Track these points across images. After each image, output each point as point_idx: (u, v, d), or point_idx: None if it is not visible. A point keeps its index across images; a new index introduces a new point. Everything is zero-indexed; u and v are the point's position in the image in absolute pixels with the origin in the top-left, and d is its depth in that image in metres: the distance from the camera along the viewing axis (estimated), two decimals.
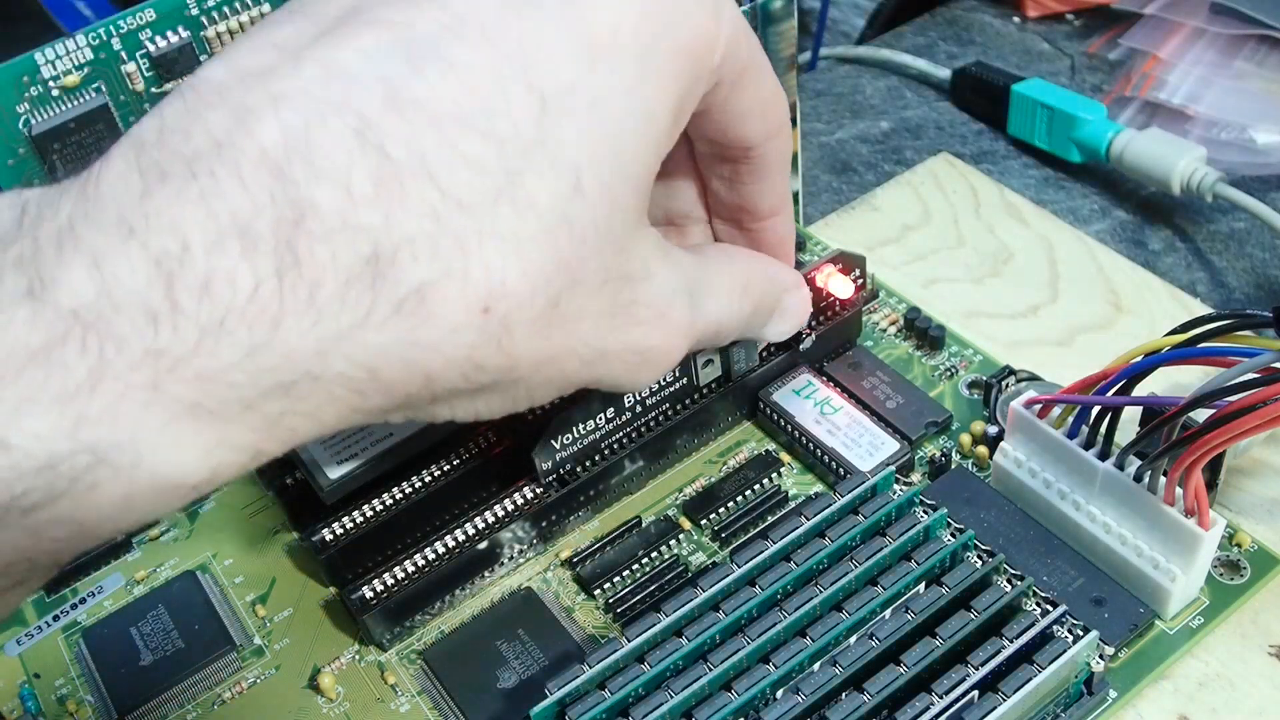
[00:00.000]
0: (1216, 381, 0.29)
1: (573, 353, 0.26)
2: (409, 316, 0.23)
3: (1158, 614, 0.33)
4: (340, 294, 0.22)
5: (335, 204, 0.22)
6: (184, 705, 0.36)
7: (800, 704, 0.29)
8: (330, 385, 0.23)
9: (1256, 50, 0.53)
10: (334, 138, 0.22)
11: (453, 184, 0.23)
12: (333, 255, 0.22)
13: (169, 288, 0.21)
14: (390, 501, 0.36)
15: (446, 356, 0.24)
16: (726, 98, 0.29)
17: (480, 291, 0.23)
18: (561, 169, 0.24)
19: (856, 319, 0.41)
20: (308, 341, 0.22)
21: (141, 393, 0.21)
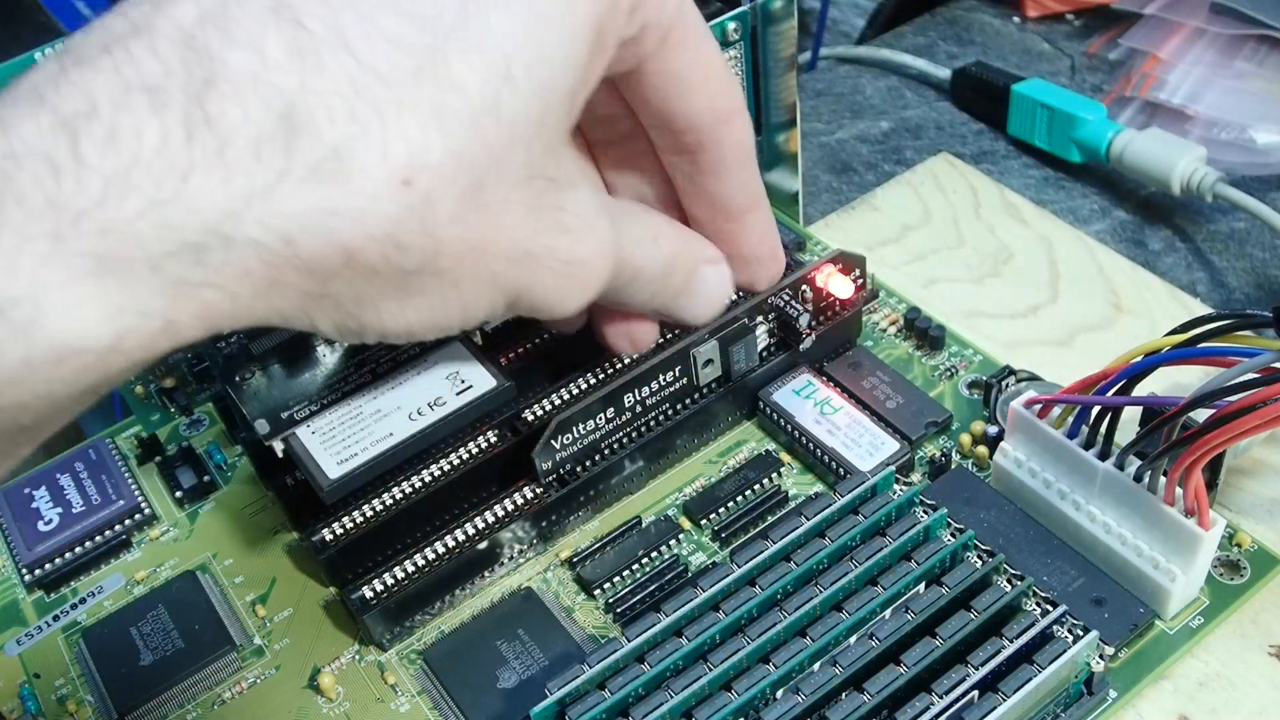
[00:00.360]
0: (1216, 381, 0.29)
1: (499, 248, 0.26)
2: (325, 181, 0.22)
3: (1158, 614, 0.33)
4: (252, 151, 0.22)
5: (247, 65, 0.22)
6: (184, 705, 0.36)
7: (800, 704, 0.29)
8: (243, 252, 0.22)
9: (1256, 50, 0.52)
10: (249, 11, 0.23)
11: (371, 56, 0.23)
12: (244, 112, 0.22)
13: (74, 142, 0.21)
14: (390, 501, 0.36)
15: (366, 230, 0.23)
16: (659, 56, 0.29)
17: (401, 161, 0.23)
18: (490, 54, 0.24)
19: (856, 319, 0.41)
20: (217, 199, 0.22)
21: (41, 244, 0.21)
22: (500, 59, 0.24)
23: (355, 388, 0.34)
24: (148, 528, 0.41)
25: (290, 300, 0.24)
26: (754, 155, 0.33)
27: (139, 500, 0.41)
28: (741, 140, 0.32)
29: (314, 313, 0.25)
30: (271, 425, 0.33)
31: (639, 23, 0.28)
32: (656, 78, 0.30)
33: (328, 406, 0.34)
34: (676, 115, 0.30)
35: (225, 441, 0.43)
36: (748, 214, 0.34)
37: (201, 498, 0.42)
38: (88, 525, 0.40)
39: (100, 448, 0.43)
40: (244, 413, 0.33)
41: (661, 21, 0.28)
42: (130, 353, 0.22)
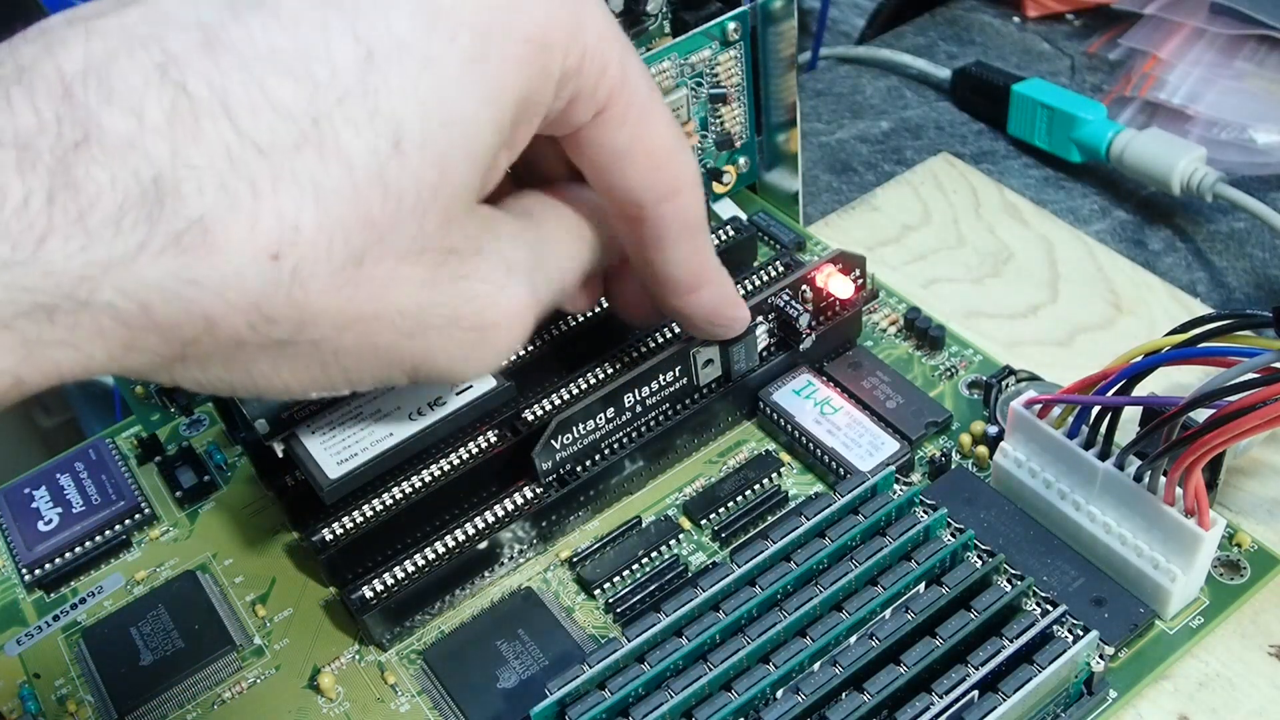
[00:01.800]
0: (1216, 381, 0.29)
1: (385, 321, 0.25)
2: (187, 251, 0.22)
3: (1158, 614, 0.33)
4: (114, 219, 0.21)
5: (122, 129, 0.22)
6: (184, 705, 0.36)
7: (800, 704, 0.29)
8: (98, 316, 0.22)
9: (1256, 50, 0.52)
10: (134, 67, 0.22)
11: (253, 126, 0.22)
12: (111, 178, 0.21)
13: None
14: (390, 501, 0.36)
15: (229, 301, 0.23)
16: (604, 128, 0.28)
17: (270, 235, 0.22)
18: (380, 124, 0.23)
19: (856, 319, 0.41)
20: (73, 264, 0.21)
21: None
22: (391, 126, 0.24)
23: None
24: (148, 528, 0.41)
25: (148, 361, 0.23)
26: (703, 231, 0.32)
27: (139, 500, 0.41)
28: (686, 218, 0.31)
29: (176, 372, 0.24)
30: (271, 425, 0.33)
31: (569, 93, 0.27)
32: (592, 149, 0.29)
33: (328, 406, 0.34)
34: (615, 187, 0.30)
35: (225, 441, 0.43)
36: (694, 292, 0.33)
37: (201, 498, 0.42)
38: (88, 525, 0.40)
39: (100, 448, 0.43)
40: (244, 413, 0.33)
41: (596, 95, 0.28)
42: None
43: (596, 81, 0.27)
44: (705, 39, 0.42)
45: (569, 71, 0.27)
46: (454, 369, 0.28)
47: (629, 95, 0.28)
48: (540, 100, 0.27)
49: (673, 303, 0.33)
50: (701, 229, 0.32)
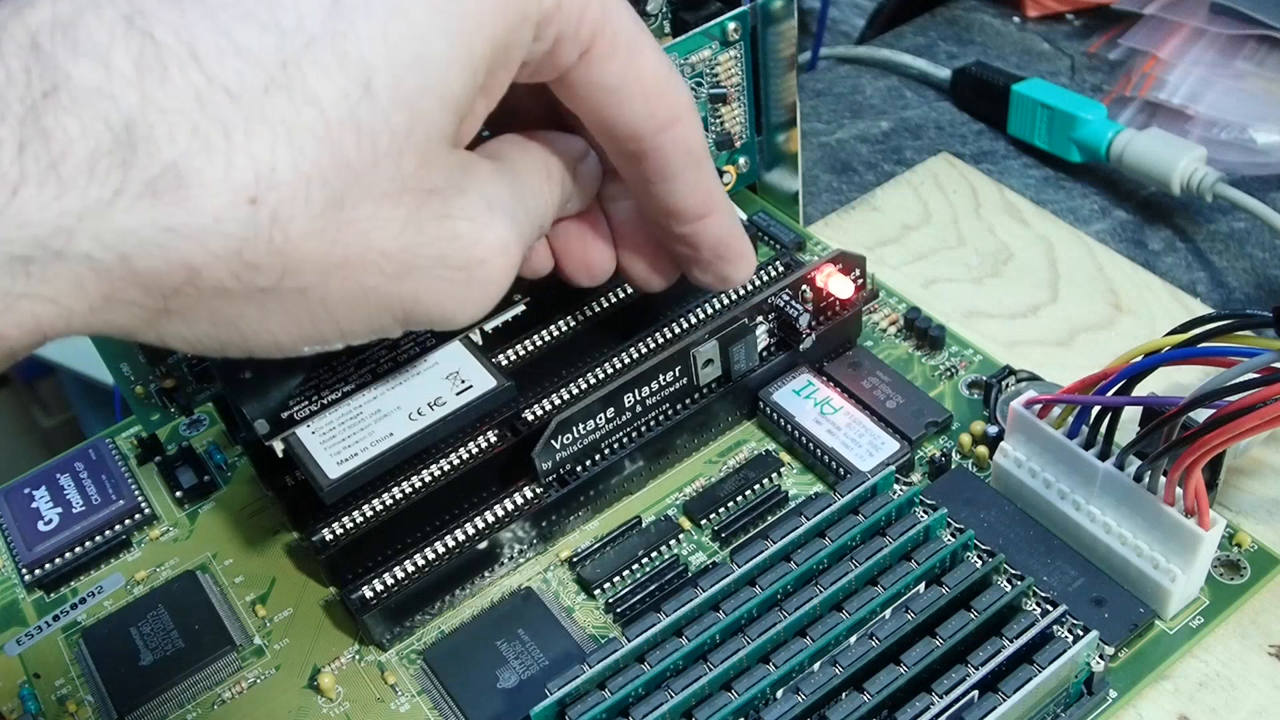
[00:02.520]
0: (1216, 381, 0.29)
1: (370, 264, 0.25)
2: (163, 198, 0.22)
3: (1158, 614, 0.33)
4: (87, 166, 0.21)
5: (90, 78, 0.22)
6: (184, 705, 0.36)
7: (800, 704, 0.29)
8: (75, 267, 0.22)
9: (1256, 50, 0.52)
10: (101, 20, 0.22)
11: (221, 71, 0.22)
12: (82, 127, 0.21)
13: None
14: (390, 501, 0.36)
15: (210, 249, 0.23)
16: (583, 69, 0.28)
17: (245, 179, 0.22)
18: (350, 67, 0.24)
19: (856, 319, 0.41)
20: (48, 214, 0.21)
21: None
22: (360, 70, 0.24)
23: (355, 388, 0.34)
24: (148, 528, 0.41)
25: (130, 315, 0.23)
26: (705, 158, 0.32)
27: (139, 500, 0.41)
28: (688, 145, 0.31)
29: (159, 328, 0.24)
30: (271, 425, 0.33)
31: (551, 36, 0.27)
32: (584, 89, 0.29)
33: (328, 406, 0.34)
34: (612, 124, 0.30)
35: (225, 441, 0.43)
36: (701, 219, 0.33)
37: (201, 498, 0.42)
38: (88, 525, 0.40)
39: (100, 448, 0.43)
40: (244, 413, 0.33)
41: (580, 34, 0.27)
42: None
43: (579, 20, 0.27)
44: (705, 39, 0.42)
45: (548, 13, 0.26)
46: (445, 310, 0.27)
47: (614, 30, 0.28)
48: (518, 44, 0.27)
49: (682, 230, 0.33)
50: (704, 155, 0.32)
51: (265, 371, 0.34)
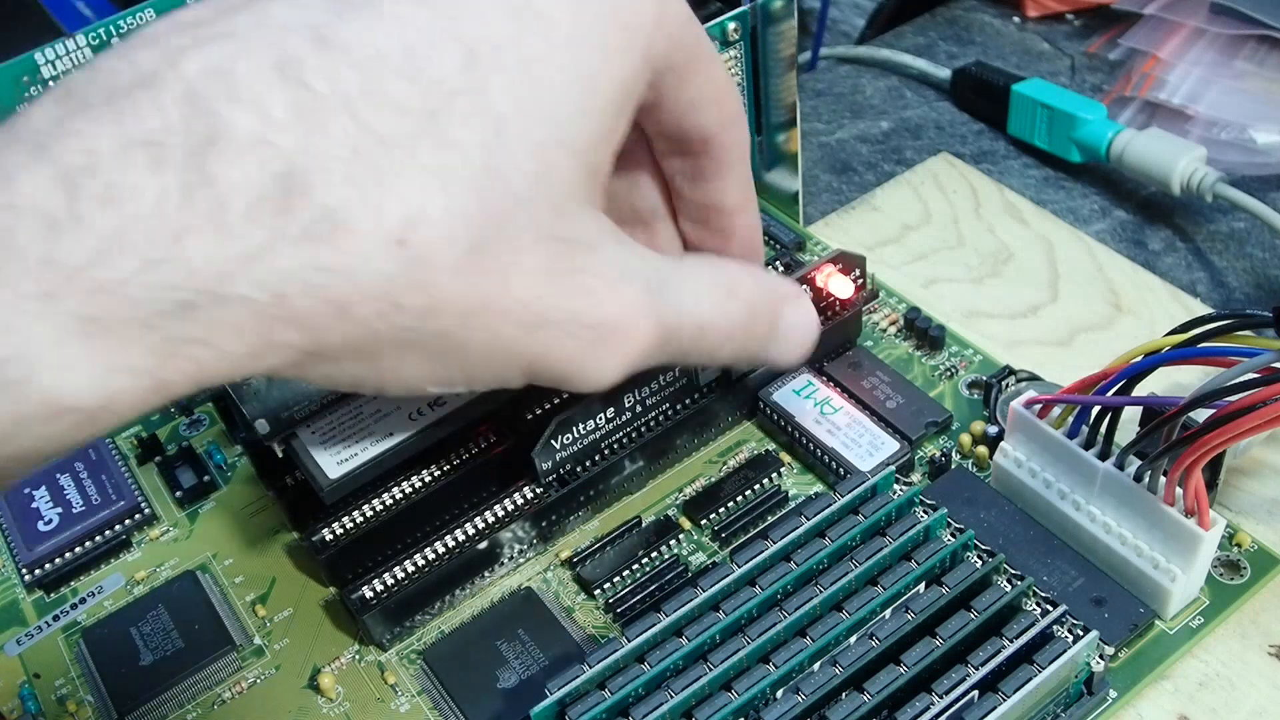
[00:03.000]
0: (1216, 381, 0.29)
1: (506, 312, 0.25)
2: (319, 241, 0.22)
3: (1158, 614, 0.33)
4: (248, 213, 0.22)
5: (250, 125, 0.22)
6: (184, 705, 0.36)
7: (800, 704, 0.29)
8: (235, 311, 0.22)
9: (1256, 50, 0.52)
10: (256, 69, 0.23)
11: (374, 120, 0.23)
12: (243, 174, 0.22)
13: (71, 198, 0.21)
14: (390, 501, 0.36)
15: (361, 288, 0.23)
16: (678, 86, 0.29)
17: (395, 220, 0.23)
18: (486, 117, 0.24)
19: (856, 319, 0.41)
20: (212, 260, 0.22)
21: (34, 303, 0.21)
22: (496, 120, 0.24)
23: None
24: (148, 528, 0.41)
25: (283, 357, 0.24)
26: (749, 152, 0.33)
27: (139, 500, 0.41)
28: (744, 140, 0.32)
29: (308, 368, 0.24)
30: (271, 425, 0.33)
31: (663, 68, 0.28)
32: (674, 103, 0.29)
33: (328, 406, 0.34)
34: (689, 129, 0.30)
35: (225, 441, 0.43)
36: (741, 212, 0.33)
37: (201, 498, 0.42)
38: (88, 525, 0.40)
39: (100, 447, 0.43)
40: (244, 413, 0.33)
41: (683, 54, 0.28)
42: (120, 411, 0.22)
43: (681, 50, 0.28)
44: None
45: (661, 53, 0.27)
46: (570, 370, 0.28)
47: (701, 48, 0.29)
48: (637, 88, 0.27)
49: (722, 224, 0.33)
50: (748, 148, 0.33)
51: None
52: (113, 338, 0.21)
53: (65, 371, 0.21)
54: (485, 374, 0.27)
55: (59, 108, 0.22)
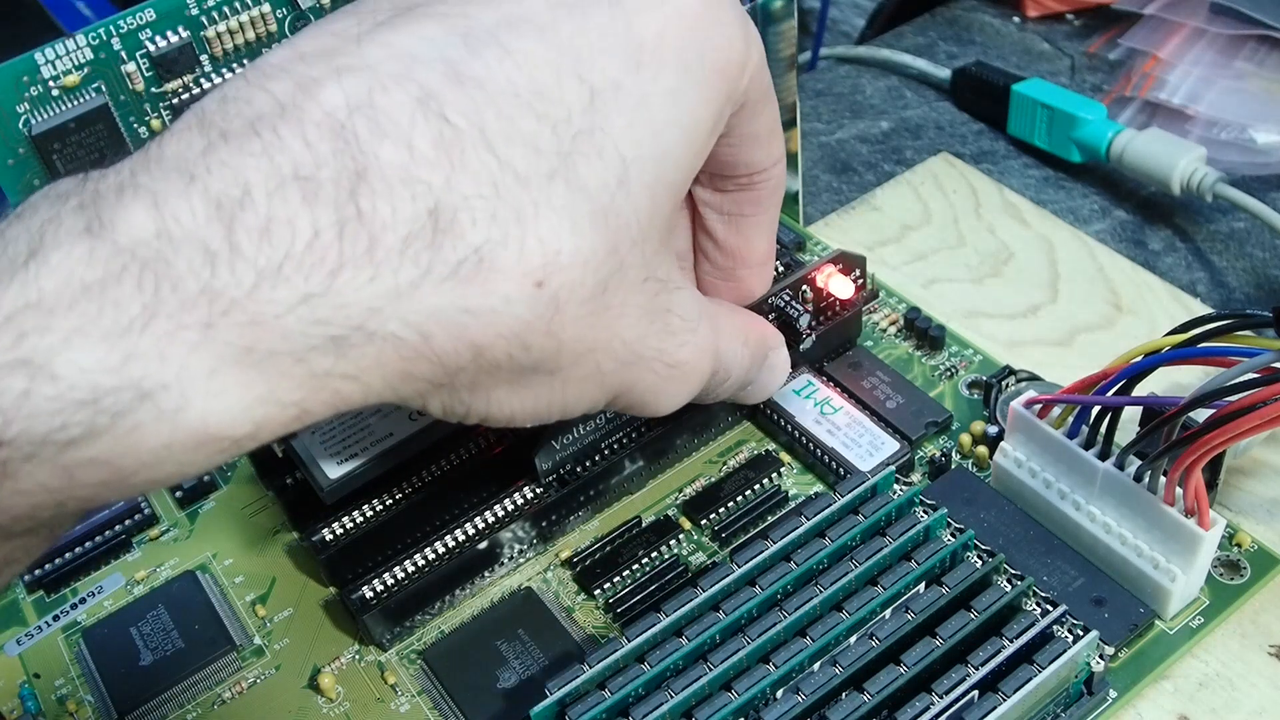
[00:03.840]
0: (1216, 381, 0.29)
1: (611, 351, 0.26)
2: (465, 281, 0.23)
3: (1158, 614, 0.33)
4: (399, 250, 0.22)
5: (397, 160, 0.22)
6: (184, 705, 0.36)
7: (800, 704, 0.29)
8: (382, 347, 0.23)
9: (1256, 50, 0.52)
10: (396, 102, 0.23)
11: (511, 157, 0.23)
12: (393, 210, 0.22)
13: (229, 230, 0.21)
14: (390, 501, 0.36)
15: (497, 329, 0.24)
16: (747, 120, 0.30)
17: (535, 262, 0.23)
18: (610, 159, 0.25)
19: (856, 319, 0.41)
20: (364, 296, 0.22)
21: (193, 333, 0.21)
22: (617, 161, 0.25)
23: None
24: (148, 528, 0.41)
25: (415, 388, 0.24)
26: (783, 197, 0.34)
27: (139, 500, 0.41)
28: (784, 181, 0.33)
29: (429, 399, 0.25)
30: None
31: (743, 101, 0.29)
32: (738, 137, 0.30)
33: None
34: (741, 164, 0.31)
35: None
36: (764, 264, 0.35)
37: (201, 498, 0.42)
38: (88, 525, 0.40)
39: None
40: None
41: (755, 98, 0.29)
42: (262, 439, 0.22)
43: (756, 90, 0.29)
44: None
45: (744, 90, 0.28)
46: (647, 400, 0.29)
47: (768, 89, 0.30)
48: (721, 123, 0.28)
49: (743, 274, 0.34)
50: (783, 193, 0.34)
51: None
52: (265, 370, 0.22)
53: (217, 401, 0.21)
54: (578, 406, 0.27)
55: (200, 137, 0.22)
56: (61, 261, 0.20)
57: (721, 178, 0.32)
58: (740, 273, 0.34)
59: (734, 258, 0.34)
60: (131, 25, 0.34)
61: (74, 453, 0.20)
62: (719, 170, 0.32)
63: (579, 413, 0.28)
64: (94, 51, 0.33)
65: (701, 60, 0.27)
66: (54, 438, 0.20)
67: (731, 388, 0.33)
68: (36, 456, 0.20)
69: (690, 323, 0.29)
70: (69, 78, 0.33)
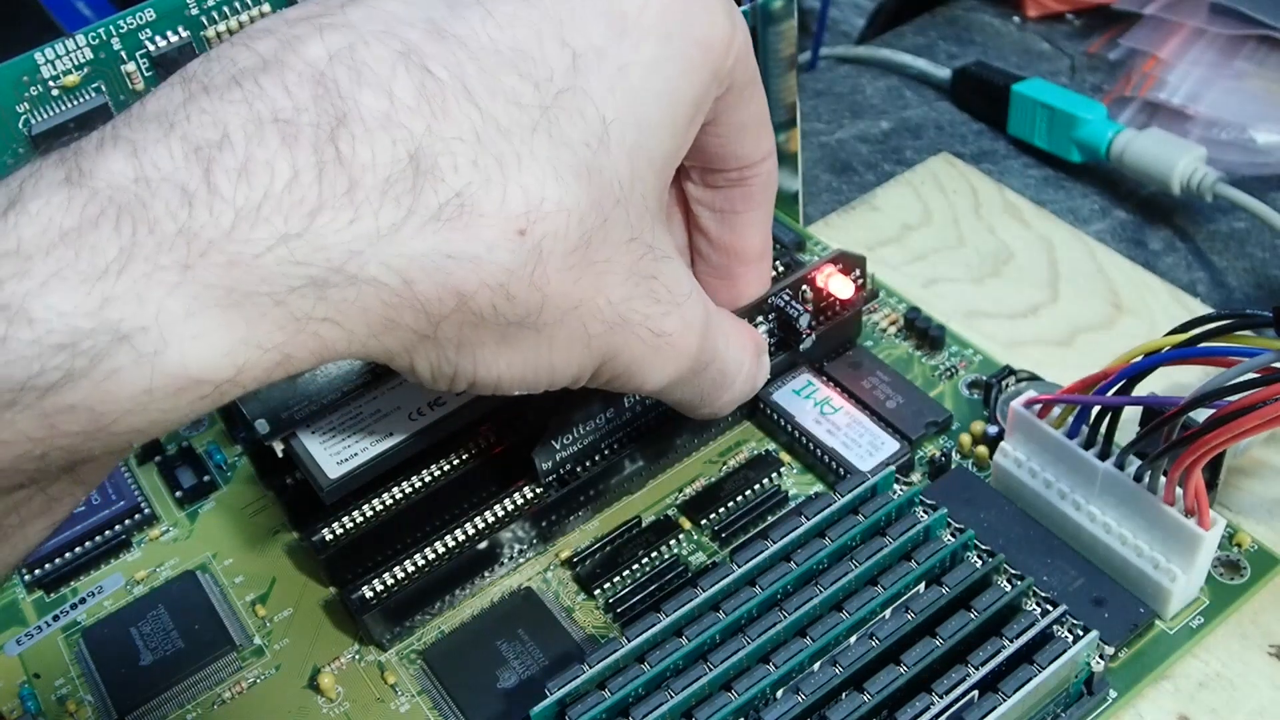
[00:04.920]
0: (1216, 381, 0.29)
1: (597, 309, 0.26)
2: (447, 225, 0.23)
3: (1158, 614, 0.33)
4: (380, 193, 0.22)
5: (378, 106, 0.23)
6: (184, 705, 0.36)
7: (800, 704, 0.29)
8: (363, 291, 0.23)
9: (1256, 50, 0.53)
10: (378, 55, 0.23)
11: (493, 108, 0.24)
12: (373, 153, 0.22)
13: (207, 171, 0.21)
14: (390, 501, 0.36)
15: (480, 276, 0.24)
16: (733, 107, 0.30)
17: (518, 209, 0.24)
18: (590, 119, 0.25)
19: (856, 319, 0.41)
20: (344, 237, 0.22)
21: (171, 274, 0.21)
22: (598, 122, 0.25)
23: (355, 388, 0.34)
24: (148, 528, 0.41)
25: (400, 339, 0.24)
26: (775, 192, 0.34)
27: (139, 500, 0.41)
28: (775, 176, 0.33)
29: (415, 354, 0.25)
30: (271, 425, 0.33)
31: (726, 85, 0.29)
32: (725, 126, 0.30)
33: (328, 406, 0.34)
34: (731, 156, 0.31)
35: (225, 441, 0.43)
36: (761, 261, 0.35)
37: (201, 498, 0.42)
38: (88, 525, 0.40)
39: None
40: (244, 413, 0.33)
41: (743, 78, 0.29)
42: (245, 384, 0.22)
43: (742, 74, 0.29)
44: None
45: (729, 69, 0.29)
46: (633, 370, 0.29)
47: (755, 75, 0.30)
48: (706, 102, 0.29)
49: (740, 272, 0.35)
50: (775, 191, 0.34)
51: None
52: (245, 311, 0.22)
53: (197, 343, 0.21)
54: (565, 371, 0.27)
55: (181, 91, 0.23)
56: (40, 210, 0.21)
57: (712, 172, 0.32)
58: (737, 270, 0.34)
59: (729, 254, 0.34)
60: (131, 25, 0.34)
61: (54, 398, 0.20)
62: (709, 164, 0.32)
63: (566, 380, 0.28)
64: (94, 51, 0.33)
65: (685, 34, 0.27)
66: (33, 383, 0.20)
67: (731, 400, 0.33)
68: (16, 404, 0.20)
69: (678, 295, 0.29)
70: (69, 78, 0.33)
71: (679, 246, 0.35)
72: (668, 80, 0.27)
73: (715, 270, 0.35)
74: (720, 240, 0.34)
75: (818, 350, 0.41)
